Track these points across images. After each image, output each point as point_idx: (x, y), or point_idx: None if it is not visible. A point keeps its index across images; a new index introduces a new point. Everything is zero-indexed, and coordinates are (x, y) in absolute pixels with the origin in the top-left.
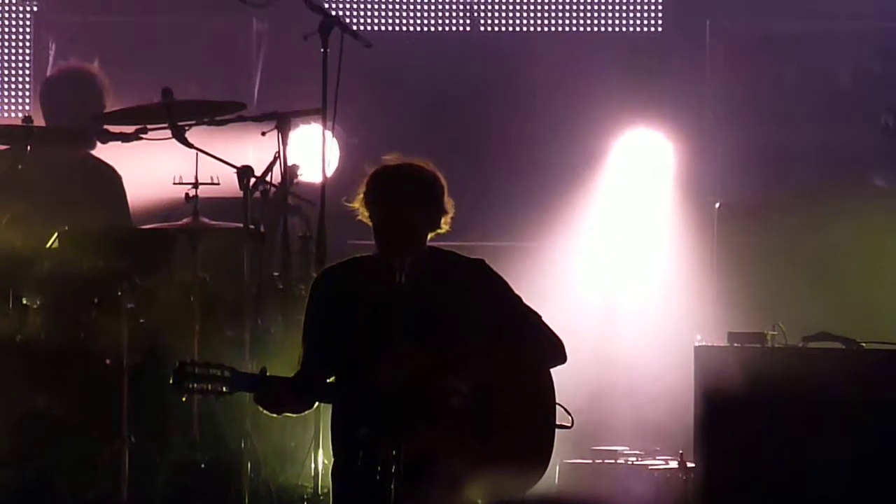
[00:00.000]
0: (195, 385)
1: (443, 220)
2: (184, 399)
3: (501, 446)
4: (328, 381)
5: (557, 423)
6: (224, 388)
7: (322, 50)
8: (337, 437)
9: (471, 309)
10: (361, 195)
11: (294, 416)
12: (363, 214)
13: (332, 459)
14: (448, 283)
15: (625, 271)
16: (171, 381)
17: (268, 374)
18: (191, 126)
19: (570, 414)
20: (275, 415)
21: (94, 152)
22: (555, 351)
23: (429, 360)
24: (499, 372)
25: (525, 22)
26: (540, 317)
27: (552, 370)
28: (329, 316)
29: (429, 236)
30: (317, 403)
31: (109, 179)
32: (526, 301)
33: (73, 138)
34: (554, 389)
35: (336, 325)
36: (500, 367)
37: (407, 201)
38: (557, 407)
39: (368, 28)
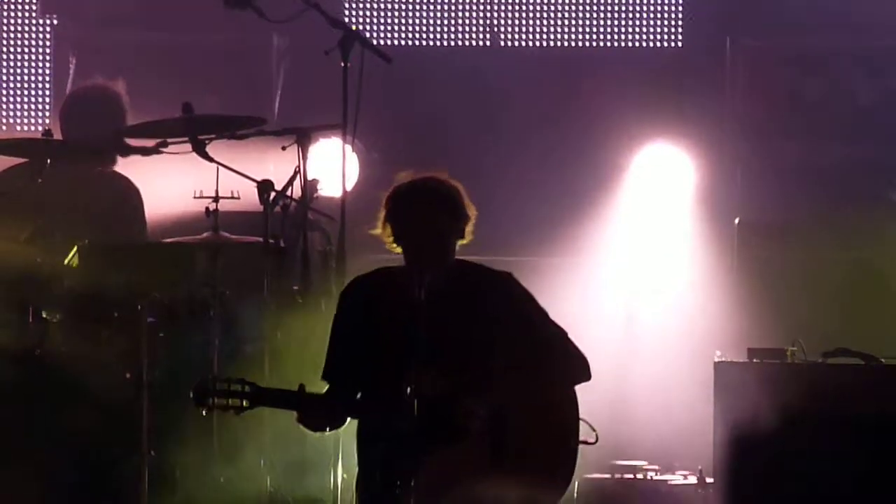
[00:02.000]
0: (216, 400)
1: (466, 229)
2: (204, 414)
3: (520, 465)
4: (356, 394)
5: (581, 439)
6: (245, 403)
7: (342, 65)
8: (361, 449)
9: (497, 322)
10: (383, 217)
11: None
12: (387, 238)
13: (358, 470)
14: (475, 296)
15: (645, 287)
16: (191, 396)
17: (306, 391)
18: (211, 140)
19: (594, 430)
20: (313, 432)
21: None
22: (579, 368)
23: (450, 378)
24: (521, 389)
25: (545, 37)
26: (565, 333)
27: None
28: (355, 326)
29: (456, 247)
30: (348, 420)
31: (127, 194)
32: (550, 316)
33: (93, 154)
34: (577, 406)
35: (362, 335)
36: (522, 384)
37: (429, 211)
38: (581, 423)
39: (389, 42)
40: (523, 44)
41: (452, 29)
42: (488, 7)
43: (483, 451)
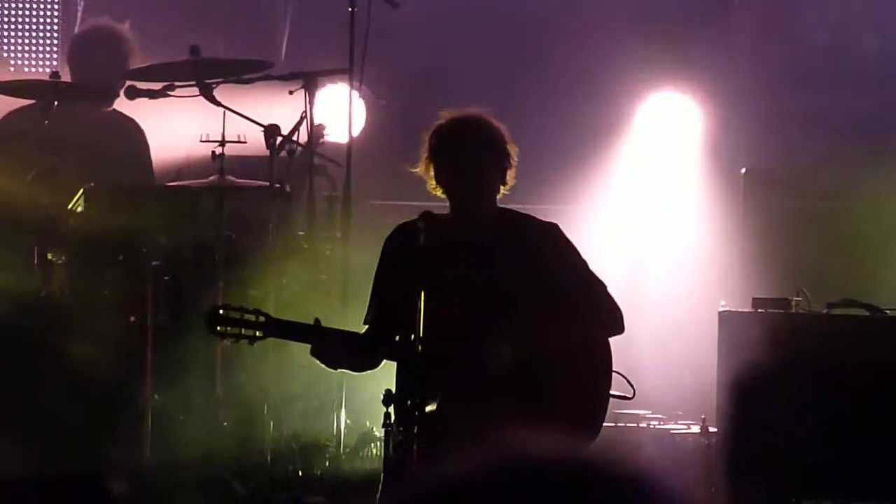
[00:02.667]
0: (228, 329)
1: (509, 173)
2: (222, 341)
3: (548, 410)
4: (394, 337)
5: (618, 393)
6: (258, 333)
7: (350, 9)
8: (397, 390)
9: (538, 270)
10: (426, 156)
11: (316, 369)
12: (430, 180)
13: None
14: (519, 243)
15: (649, 236)
16: (204, 322)
17: (322, 325)
18: (218, 84)
19: (631, 385)
20: (331, 369)
21: (121, 108)
22: (615, 320)
23: (480, 321)
24: (554, 337)
25: None
26: (605, 286)
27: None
28: (398, 271)
29: (500, 191)
30: (383, 362)
31: (133, 134)
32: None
33: (99, 94)
34: (611, 358)
35: (401, 281)
36: (556, 332)
37: (477, 147)
38: (617, 377)
39: None
40: None
41: None
42: None
43: (511, 395)
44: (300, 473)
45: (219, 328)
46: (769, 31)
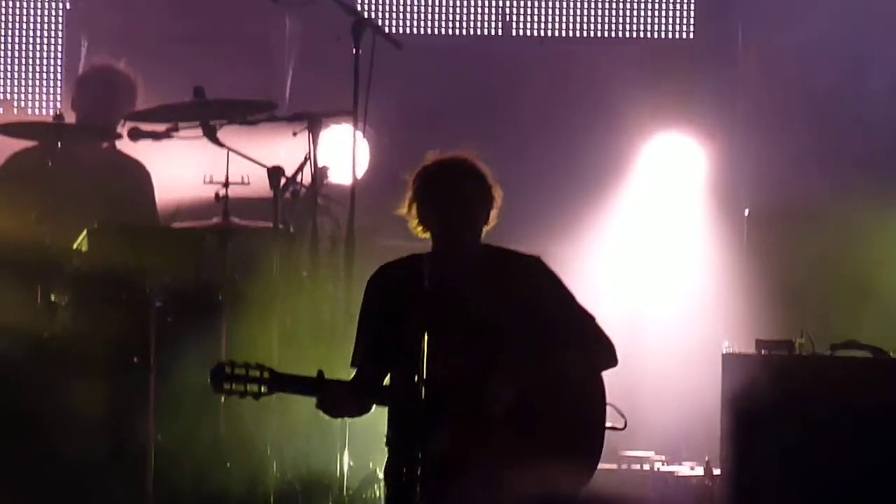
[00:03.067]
0: (233, 385)
1: (492, 212)
2: (223, 399)
3: (548, 449)
4: (383, 382)
5: (610, 424)
6: (263, 389)
7: (354, 51)
8: (393, 435)
9: (525, 306)
10: (410, 196)
11: (320, 416)
12: (412, 220)
13: (387, 457)
14: (503, 279)
15: (654, 276)
16: (209, 381)
17: (324, 377)
18: (222, 125)
19: (623, 416)
20: (333, 418)
21: (124, 149)
22: (607, 354)
23: (479, 362)
24: (548, 373)
25: (557, 26)
26: (594, 318)
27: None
28: (383, 313)
29: (482, 230)
30: (374, 407)
31: (138, 175)
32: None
33: (102, 135)
34: (604, 391)
35: (390, 322)
36: (549, 368)
37: (460, 189)
38: (609, 409)
39: (400, 30)
40: (535, 33)
41: (464, 17)
42: None
43: (511, 433)
44: None
45: (225, 386)
46: (774, 71)
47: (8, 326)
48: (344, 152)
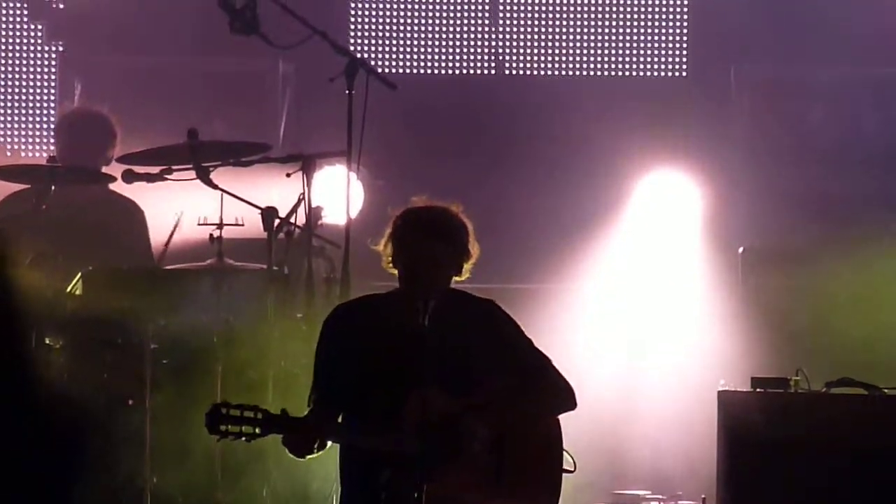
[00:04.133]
0: (229, 427)
1: (465, 266)
2: (217, 441)
3: (516, 490)
4: (338, 420)
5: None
6: (257, 431)
7: (347, 92)
8: (346, 474)
9: (481, 350)
10: (388, 234)
11: (316, 457)
12: (386, 257)
13: (343, 496)
14: (461, 322)
15: (649, 314)
16: (204, 424)
17: (290, 416)
18: (216, 167)
19: (573, 458)
20: (300, 458)
21: (117, 189)
22: (563, 397)
23: (450, 403)
24: (513, 416)
25: (550, 66)
26: (549, 361)
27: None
28: (342, 353)
29: (451, 281)
30: (329, 444)
31: (132, 216)
32: (544, 342)
33: (96, 177)
34: (561, 434)
35: (348, 361)
36: (513, 411)
37: (436, 240)
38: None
39: (394, 70)
40: (528, 72)
41: (457, 57)
42: (493, 35)
43: (485, 473)
44: None
45: (221, 427)
46: (767, 110)
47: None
48: (338, 193)
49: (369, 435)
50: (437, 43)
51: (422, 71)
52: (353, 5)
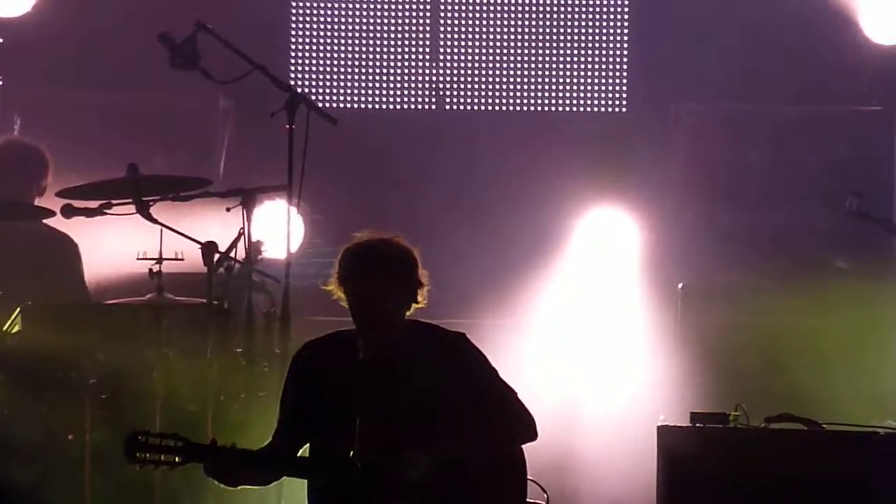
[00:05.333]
0: (147, 455)
1: (419, 294)
2: (138, 468)
3: None
4: (299, 454)
5: (531, 501)
6: (177, 459)
7: (288, 126)
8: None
9: (448, 382)
10: (336, 275)
11: (256, 489)
12: (340, 297)
13: None
14: (427, 356)
15: (589, 349)
16: (123, 451)
17: (218, 445)
18: (156, 201)
19: (545, 491)
20: (229, 487)
21: (53, 224)
22: (526, 428)
23: (393, 434)
24: (468, 445)
25: (491, 101)
26: (515, 393)
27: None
28: (304, 389)
29: (408, 310)
30: (284, 477)
31: (66, 249)
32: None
33: (33, 211)
34: (525, 465)
35: (309, 398)
36: (469, 440)
37: (379, 275)
38: (531, 484)
39: (334, 105)
40: (469, 108)
41: (398, 92)
42: (434, 71)
43: (429, 502)
44: None
45: (138, 455)
46: (706, 147)
47: None
48: (278, 228)
49: (296, 467)
50: (377, 78)
51: (362, 106)
52: (293, 40)
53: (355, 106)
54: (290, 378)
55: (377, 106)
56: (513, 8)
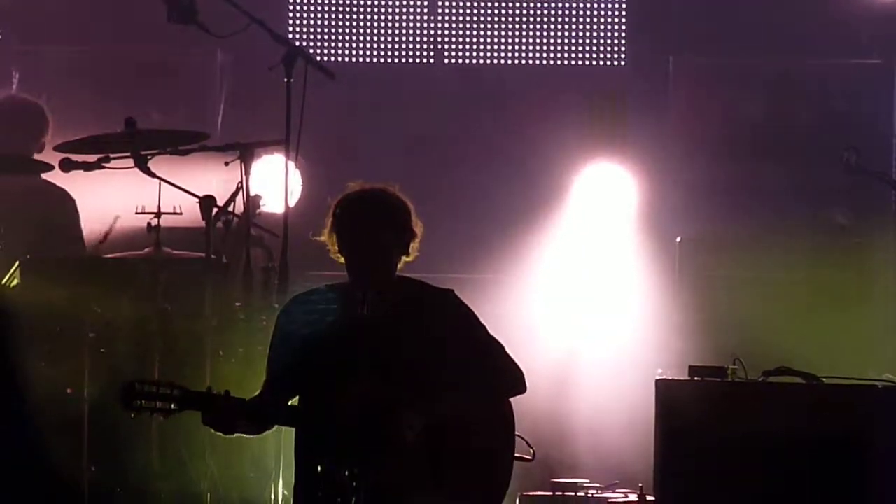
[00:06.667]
0: (143, 403)
1: (412, 245)
2: (132, 416)
3: (458, 478)
4: (289, 403)
5: (517, 455)
6: (172, 406)
7: (286, 80)
8: (300, 463)
9: (438, 338)
10: (329, 225)
11: (254, 440)
12: (332, 247)
13: (294, 484)
14: (417, 313)
15: (587, 304)
16: (119, 398)
17: (213, 393)
18: (153, 155)
19: (531, 446)
20: (225, 435)
21: (51, 178)
22: (515, 381)
23: (390, 392)
24: (460, 403)
25: (488, 55)
26: (503, 347)
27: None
28: (295, 342)
29: (399, 264)
30: (275, 426)
31: (64, 204)
32: (490, 332)
33: (32, 166)
34: (514, 420)
35: (300, 351)
36: (461, 397)
37: (375, 224)
38: (518, 439)
39: (332, 59)
40: (467, 61)
41: (396, 45)
42: (432, 24)
43: (422, 463)
44: None
45: (134, 402)
46: (704, 101)
47: None
48: (276, 182)
49: (302, 421)
50: (375, 32)
51: (360, 60)
52: None
53: (353, 60)
54: (279, 332)
55: (375, 60)
56: None
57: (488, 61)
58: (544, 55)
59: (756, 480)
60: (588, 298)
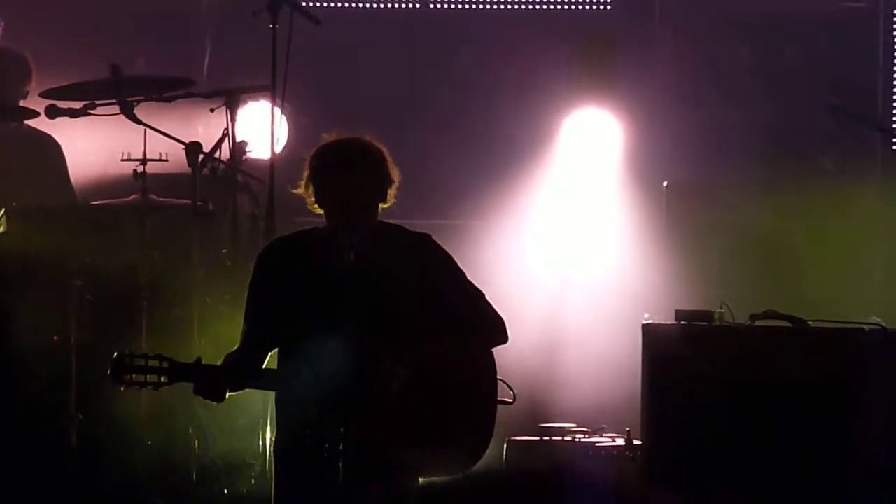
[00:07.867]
0: (133, 377)
1: (390, 193)
2: (122, 389)
3: (444, 426)
4: (266, 355)
5: (499, 398)
6: (162, 379)
7: (271, 26)
8: (282, 414)
9: (415, 284)
10: (306, 176)
11: (246, 401)
12: (309, 198)
13: (277, 434)
14: (393, 258)
15: (573, 249)
16: (108, 374)
17: (203, 363)
18: (139, 102)
19: (512, 389)
20: (218, 403)
21: (37, 125)
22: (496, 330)
23: (372, 341)
24: (441, 351)
25: None
26: (483, 294)
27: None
28: (274, 289)
29: (378, 209)
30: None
31: (50, 150)
32: (472, 278)
33: (18, 113)
34: (495, 366)
35: (281, 298)
36: (442, 345)
37: (355, 170)
38: (500, 383)
39: (318, 4)
40: (453, 6)
41: None
42: None
43: (407, 413)
44: (225, 492)
45: (125, 377)
46: (690, 45)
47: None
48: (262, 128)
49: (282, 380)
50: None
51: (346, 5)
52: None
53: (339, 4)
54: (256, 277)
55: (361, 4)
56: None
57: (474, 6)
58: None
59: (743, 424)
60: (574, 242)
